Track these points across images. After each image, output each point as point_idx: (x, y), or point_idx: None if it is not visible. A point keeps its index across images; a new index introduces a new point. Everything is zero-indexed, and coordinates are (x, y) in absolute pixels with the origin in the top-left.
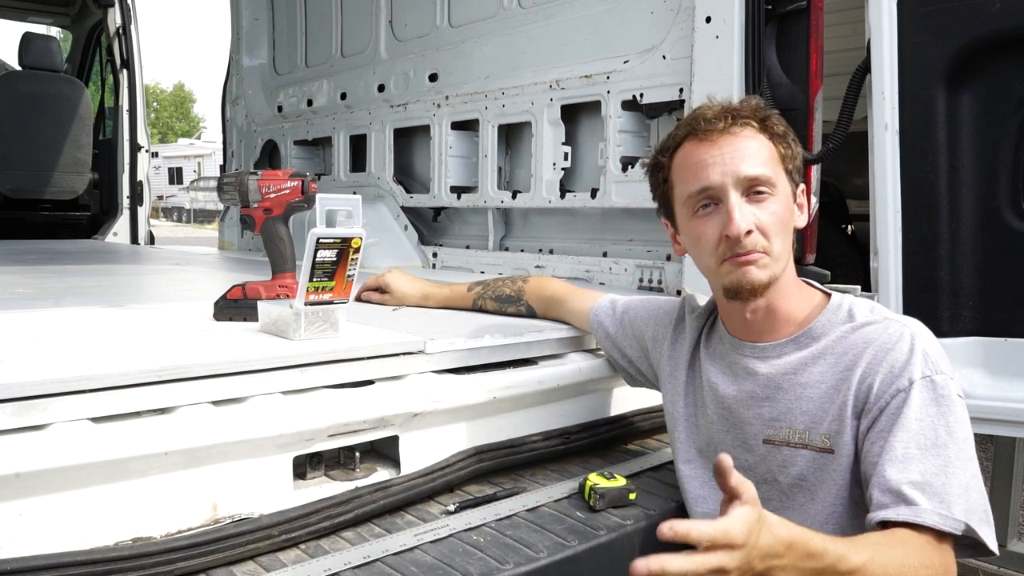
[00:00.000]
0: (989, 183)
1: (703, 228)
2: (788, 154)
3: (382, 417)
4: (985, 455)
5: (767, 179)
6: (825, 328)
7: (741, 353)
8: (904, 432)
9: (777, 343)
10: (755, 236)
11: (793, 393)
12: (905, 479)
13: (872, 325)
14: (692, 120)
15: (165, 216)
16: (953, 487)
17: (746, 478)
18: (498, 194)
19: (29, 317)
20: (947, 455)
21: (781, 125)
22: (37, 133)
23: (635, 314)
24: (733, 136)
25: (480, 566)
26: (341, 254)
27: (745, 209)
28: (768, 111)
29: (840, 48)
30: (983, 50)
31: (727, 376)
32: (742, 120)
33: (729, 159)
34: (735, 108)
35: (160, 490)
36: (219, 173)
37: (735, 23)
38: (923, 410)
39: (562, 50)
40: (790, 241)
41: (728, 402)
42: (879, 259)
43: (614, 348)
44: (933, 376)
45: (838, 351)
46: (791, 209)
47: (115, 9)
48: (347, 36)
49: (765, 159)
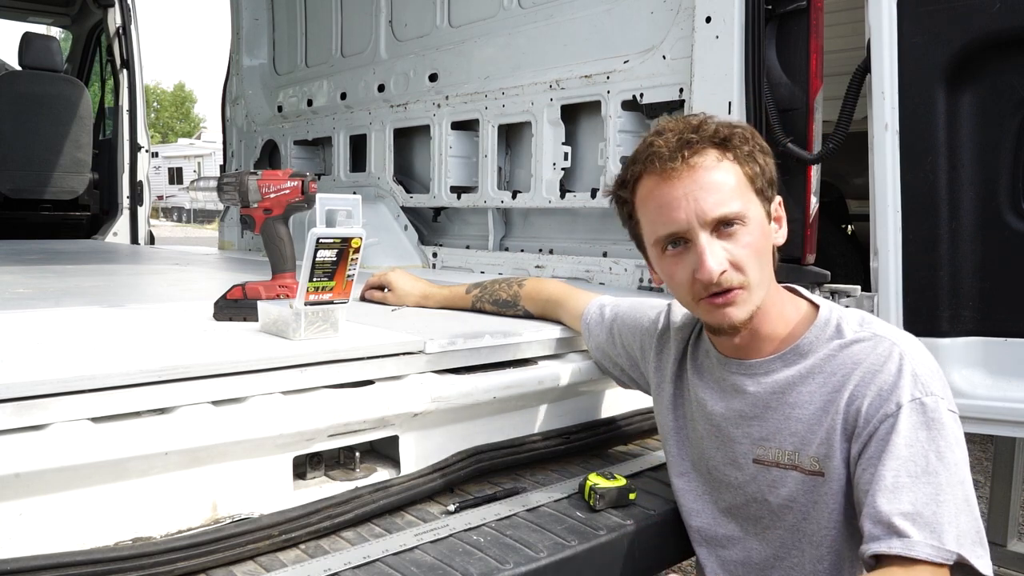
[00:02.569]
0: (989, 183)
1: (674, 269)
2: (756, 172)
3: (382, 417)
4: (985, 455)
5: (736, 214)
6: (813, 345)
7: (729, 370)
8: (893, 460)
9: (764, 360)
10: (729, 274)
11: (782, 413)
12: (896, 510)
13: (861, 343)
14: (648, 153)
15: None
16: (944, 516)
17: (736, 495)
18: (498, 194)
19: (29, 317)
20: (938, 482)
21: (745, 143)
22: (37, 133)
23: (622, 324)
24: (693, 169)
25: (480, 566)
26: (341, 254)
27: (716, 249)
28: (730, 130)
29: (840, 48)
30: (983, 50)
31: (715, 392)
32: (700, 148)
33: (693, 199)
34: (691, 136)
35: (160, 490)
36: (219, 173)
37: (735, 23)
38: (912, 435)
39: (562, 50)
40: (768, 264)
41: (716, 419)
42: (879, 259)
43: (605, 357)
44: (923, 398)
45: (827, 370)
46: (766, 232)
47: (115, 9)
48: (347, 36)
49: (732, 188)
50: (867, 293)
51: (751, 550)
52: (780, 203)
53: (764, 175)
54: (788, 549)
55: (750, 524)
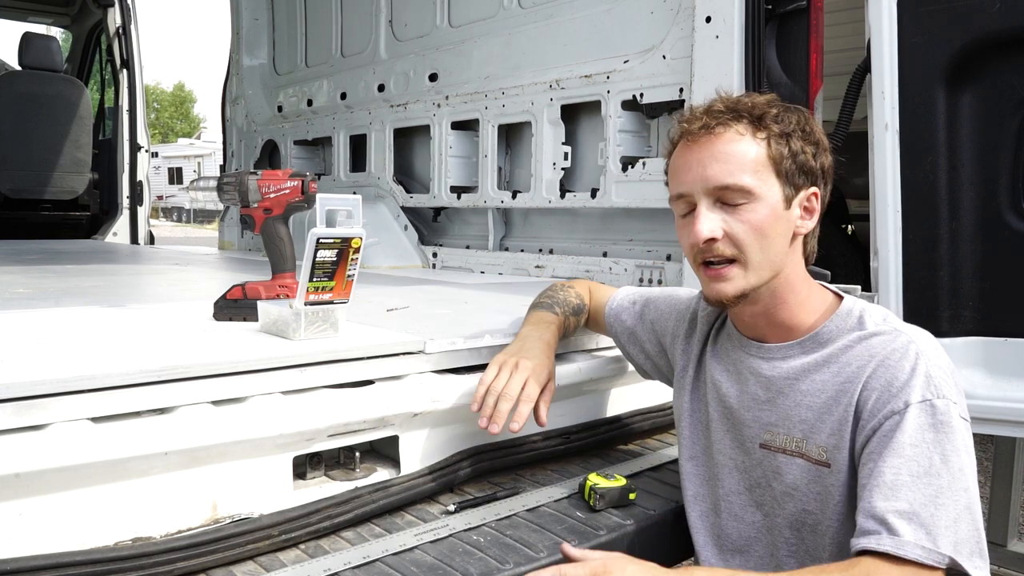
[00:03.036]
0: (989, 183)
1: (682, 233)
2: (784, 155)
3: (382, 417)
4: (985, 455)
5: (738, 187)
6: (833, 334)
7: (747, 352)
8: (895, 458)
9: (783, 345)
10: (722, 244)
11: (793, 399)
12: (892, 507)
13: (879, 336)
14: (680, 119)
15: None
16: (941, 519)
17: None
18: (498, 194)
19: (29, 317)
20: (939, 484)
21: (785, 124)
22: (37, 133)
23: (656, 308)
24: (712, 138)
25: (480, 566)
26: (341, 254)
27: (712, 217)
28: (769, 107)
29: (840, 48)
30: (983, 50)
31: (731, 375)
32: (726, 119)
33: (702, 164)
34: (720, 108)
35: (160, 490)
36: (219, 173)
37: (735, 23)
38: (919, 435)
39: (562, 50)
40: (778, 249)
41: (729, 401)
42: (879, 259)
43: (633, 343)
44: (934, 400)
45: (842, 360)
46: (779, 216)
47: (115, 9)
48: (347, 36)
49: (745, 162)
50: (867, 293)
51: (751, 539)
52: (815, 195)
53: (795, 160)
54: (787, 538)
55: (751, 511)
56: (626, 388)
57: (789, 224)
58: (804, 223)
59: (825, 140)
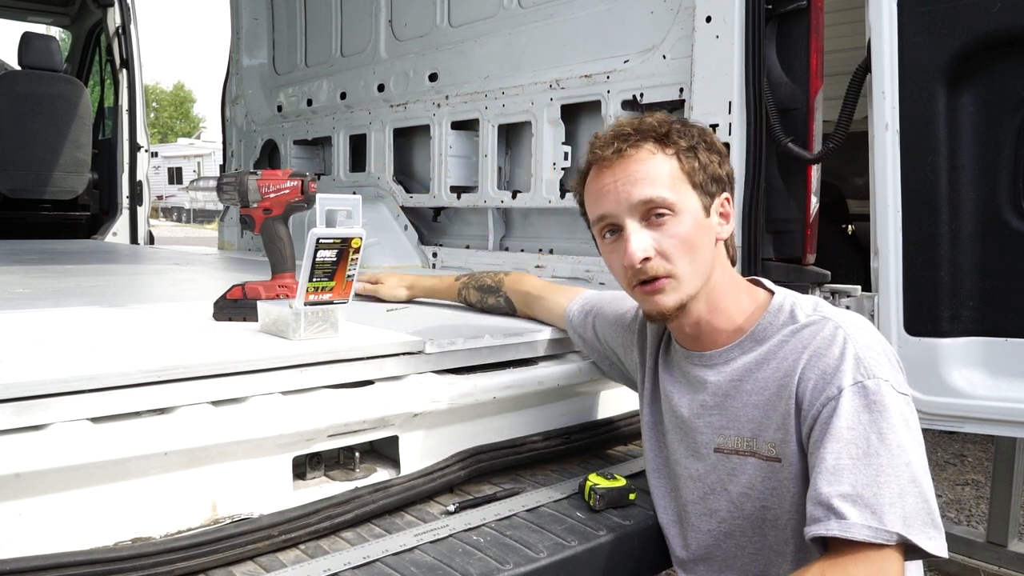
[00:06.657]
0: (989, 183)
1: (610, 256)
2: (695, 167)
3: (382, 417)
4: (985, 455)
5: (663, 201)
6: (768, 330)
7: (691, 363)
8: (835, 443)
9: (722, 350)
10: (656, 262)
11: (740, 400)
12: (836, 492)
13: (810, 327)
14: (591, 146)
15: (165, 216)
16: (885, 496)
17: (694, 490)
18: (498, 194)
19: (29, 317)
20: (879, 463)
21: (689, 138)
22: (37, 133)
23: (604, 321)
24: (626, 160)
25: (480, 566)
26: (341, 254)
27: (642, 236)
28: (671, 124)
29: (840, 48)
30: (983, 50)
31: (681, 386)
32: (635, 140)
33: (622, 185)
34: (627, 130)
35: (160, 490)
36: (219, 173)
37: (735, 23)
38: (854, 418)
39: (562, 50)
40: (706, 257)
41: (681, 412)
42: (879, 259)
43: (596, 355)
44: (864, 381)
45: (780, 355)
46: (702, 225)
47: (115, 9)
48: (347, 36)
49: (662, 178)
50: (867, 293)
51: (709, 547)
52: (728, 200)
53: (706, 171)
54: (750, 538)
55: (705, 519)
56: (626, 388)
57: (711, 231)
58: (723, 228)
59: (724, 149)
